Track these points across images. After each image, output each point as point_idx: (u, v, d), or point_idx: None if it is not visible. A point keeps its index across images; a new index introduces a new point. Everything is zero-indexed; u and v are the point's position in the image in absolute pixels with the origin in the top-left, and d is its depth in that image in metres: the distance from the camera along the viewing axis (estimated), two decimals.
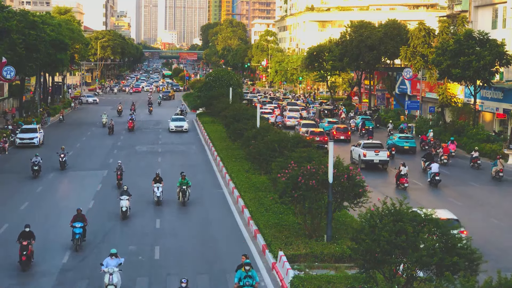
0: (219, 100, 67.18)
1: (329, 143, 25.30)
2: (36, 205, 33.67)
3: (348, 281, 20.40)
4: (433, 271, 17.43)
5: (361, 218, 18.84)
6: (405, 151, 51.77)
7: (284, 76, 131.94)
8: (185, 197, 33.39)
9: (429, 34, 66.74)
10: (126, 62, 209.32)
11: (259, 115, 45.29)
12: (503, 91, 57.86)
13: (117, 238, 27.59)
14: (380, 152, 44.99)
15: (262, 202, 30.88)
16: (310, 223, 25.78)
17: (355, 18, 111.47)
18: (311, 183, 24.49)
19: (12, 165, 46.21)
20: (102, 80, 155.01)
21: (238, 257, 24.64)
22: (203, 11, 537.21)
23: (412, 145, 52.67)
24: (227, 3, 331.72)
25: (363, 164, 44.51)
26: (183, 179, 33.49)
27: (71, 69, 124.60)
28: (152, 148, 54.27)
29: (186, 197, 33.40)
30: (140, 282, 22.22)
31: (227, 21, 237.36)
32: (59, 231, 28.73)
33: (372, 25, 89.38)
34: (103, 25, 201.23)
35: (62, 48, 74.73)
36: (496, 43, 55.60)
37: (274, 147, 35.22)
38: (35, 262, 24.10)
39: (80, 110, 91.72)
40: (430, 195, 38.02)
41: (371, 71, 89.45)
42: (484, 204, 35.98)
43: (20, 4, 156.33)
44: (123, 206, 30.55)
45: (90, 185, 39.00)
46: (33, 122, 60.75)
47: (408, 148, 51.81)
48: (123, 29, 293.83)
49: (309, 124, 61.38)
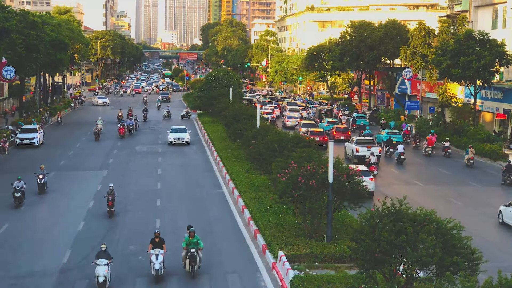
0: (219, 100, 67.17)
1: (329, 143, 25.32)
2: (36, 205, 33.65)
3: (348, 281, 20.40)
4: (433, 271, 17.44)
5: (361, 218, 18.85)
6: (393, 145, 53.55)
7: (284, 76, 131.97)
8: (195, 264, 22.51)
9: (429, 34, 66.75)
10: (126, 62, 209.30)
11: (259, 115, 45.31)
12: (503, 91, 57.86)
13: (117, 238, 27.57)
14: (372, 147, 46.91)
15: (262, 202, 30.89)
16: (310, 223, 25.79)
17: (355, 18, 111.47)
18: (311, 183, 24.50)
19: (12, 165, 46.22)
20: (102, 80, 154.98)
21: (238, 257, 24.71)
22: (203, 11, 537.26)
23: (399, 140, 55.35)
24: (227, 3, 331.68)
25: (356, 159, 46.60)
26: (192, 237, 22.80)
27: (71, 69, 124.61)
28: (152, 148, 54.27)
29: (196, 264, 22.54)
30: (140, 282, 22.20)
31: (227, 21, 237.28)
32: (60, 231, 28.75)
33: (372, 25, 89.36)
34: (103, 25, 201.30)
35: (62, 48, 74.71)
36: (496, 43, 55.61)
37: (274, 147, 35.23)
38: (35, 262, 24.11)
39: (80, 110, 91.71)
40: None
41: (371, 71, 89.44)
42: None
43: (20, 4, 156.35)
44: (99, 275, 21.18)
45: (90, 185, 39.00)
46: (33, 122, 60.75)
47: (396, 142, 53.84)
48: (123, 29, 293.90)
49: (309, 124, 61.46)
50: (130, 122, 62.97)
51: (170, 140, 55.27)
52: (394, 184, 40.98)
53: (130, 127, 62.26)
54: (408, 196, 19.86)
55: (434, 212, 18.30)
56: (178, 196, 36.18)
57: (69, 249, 25.68)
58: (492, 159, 50.25)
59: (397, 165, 48.06)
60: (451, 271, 16.89)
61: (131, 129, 62.24)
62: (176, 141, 55.09)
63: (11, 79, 58.65)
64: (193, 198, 35.65)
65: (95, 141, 57.62)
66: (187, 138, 55.63)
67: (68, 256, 24.86)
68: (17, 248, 25.99)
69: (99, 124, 61.35)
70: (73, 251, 25.41)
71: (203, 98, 79.19)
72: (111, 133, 62.18)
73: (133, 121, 63.87)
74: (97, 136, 58.47)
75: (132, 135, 61.70)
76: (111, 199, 30.76)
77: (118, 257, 24.82)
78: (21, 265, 23.91)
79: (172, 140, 55.15)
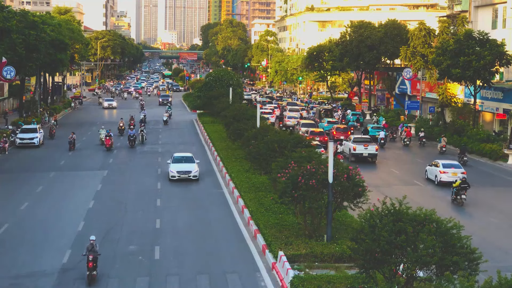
0: (219, 100, 67.17)
1: (329, 143, 25.32)
2: (36, 205, 33.66)
3: (348, 281, 20.41)
4: (433, 271, 17.44)
5: (361, 218, 18.85)
6: (377, 139, 57.71)
7: (284, 76, 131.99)
8: None
9: (429, 34, 66.77)
10: (126, 62, 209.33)
11: (259, 115, 45.32)
12: (503, 91, 57.86)
13: (117, 238, 27.57)
14: (369, 146, 48.54)
15: (262, 202, 30.90)
16: (310, 223, 25.80)
17: (355, 18, 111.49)
18: (311, 183, 24.50)
19: (12, 165, 46.25)
20: (102, 80, 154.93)
21: (238, 257, 24.70)
22: (203, 11, 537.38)
23: (379, 131, 60.62)
24: (227, 3, 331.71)
25: (353, 158, 48.01)
26: None
27: (71, 69, 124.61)
28: (152, 148, 54.27)
29: None
30: (140, 282, 22.21)
31: (227, 21, 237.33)
32: (60, 231, 28.74)
33: (372, 25, 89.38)
34: (103, 25, 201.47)
35: (62, 48, 74.76)
36: (496, 43, 55.63)
37: (274, 147, 35.22)
38: (35, 262, 24.12)
39: (80, 110, 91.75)
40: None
41: (371, 71, 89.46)
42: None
43: (20, 4, 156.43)
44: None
45: (90, 185, 39.01)
46: (33, 122, 60.77)
47: (370, 130, 60.66)
48: (123, 29, 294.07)
49: (308, 124, 61.56)
50: (131, 133, 55.00)
51: (172, 175, 40.12)
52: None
53: (132, 138, 54.50)
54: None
55: (434, 212, 18.31)
56: (178, 196, 36.18)
57: (69, 249, 25.67)
58: (492, 159, 50.26)
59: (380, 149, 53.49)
60: (451, 271, 16.89)
61: (132, 141, 54.48)
62: (181, 176, 39.97)
63: (11, 79, 58.69)
64: (193, 198, 35.66)
65: (69, 151, 51.87)
66: (195, 171, 40.29)
67: (68, 256, 24.85)
68: (17, 248, 25.99)
69: (102, 134, 54.60)
70: (73, 251, 25.38)
71: (203, 98, 79.20)
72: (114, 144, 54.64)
73: (134, 131, 55.36)
74: (71, 145, 52.27)
75: (133, 148, 53.99)
76: (91, 259, 21.59)
77: (118, 257, 24.86)
78: (21, 265, 23.90)
79: (175, 175, 40.00)
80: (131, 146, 54.12)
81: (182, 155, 42.43)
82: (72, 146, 52.38)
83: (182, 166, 40.50)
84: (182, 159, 41.51)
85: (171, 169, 40.30)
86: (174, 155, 42.29)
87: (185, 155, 42.68)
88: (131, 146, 54.15)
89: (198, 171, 40.46)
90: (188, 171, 40.10)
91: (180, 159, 41.43)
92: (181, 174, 39.93)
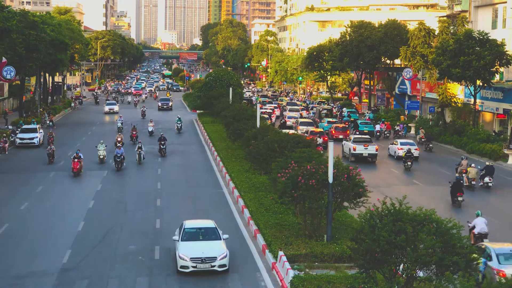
0: (219, 100, 67.15)
1: (329, 143, 25.31)
2: (36, 205, 33.67)
3: (348, 281, 20.41)
4: (433, 271, 17.44)
5: (361, 218, 18.85)
6: (365, 133, 59.91)
7: (284, 76, 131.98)
8: None
9: (429, 34, 66.78)
10: (126, 62, 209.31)
11: (259, 115, 45.33)
12: (503, 91, 57.86)
13: (117, 238, 27.57)
14: (369, 146, 48.71)
15: (262, 202, 30.89)
16: (310, 223, 25.79)
17: (355, 18, 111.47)
18: (311, 183, 24.50)
19: (12, 165, 46.24)
20: (102, 80, 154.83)
21: (238, 257, 24.67)
22: (203, 11, 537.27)
23: (370, 129, 63.77)
24: (227, 3, 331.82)
25: (353, 158, 48.14)
26: None
27: (71, 69, 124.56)
28: (152, 148, 54.23)
29: None
30: (140, 282, 22.21)
31: (227, 21, 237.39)
32: (60, 231, 28.75)
33: (372, 25, 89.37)
34: (103, 25, 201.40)
35: (62, 48, 74.76)
36: (496, 43, 55.61)
37: (274, 147, 35.22)
38: (35, 262, 24.13)
39: (80, 110, 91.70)
40: None
41: (371, 71, 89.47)
42: None
43: (20, 4, 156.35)
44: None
45: (90, 185, 39.01)
46: (33, 122, 60.76)
47: (367, 131, 62.00)
48: (123, 29, 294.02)
49: (306, 123, 61.79)
50: (118, 152, 43.93)
51: (182, 264, 22.87)
52: None
53: (118, 159, 43.60)
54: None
55: (434, 211, 18.31)
56: (178, 196, 36.19)
57: (69, 249, 25.67)
58: (492, 159, 50.24)
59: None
60: (451, 271, 16.89)
61: (118, 162, 43.57)
62: (198, 267, 22.77)
63: (11, 79, 58.70)
64: (193, 198, 35.65)
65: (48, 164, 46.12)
66: (222, 256, 23.10)
67: (68, 256, 24.86)
68: (17, 248, 26.00)
69: (101, 150, 46.39)
70: (73, 251, 25.40)
71: (203, 98, 79.17)
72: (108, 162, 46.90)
73: (121, 150, 44.26)
74: (51, 158, 46.27)
75: (120, 171, 43.45)
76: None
77: (118, 257, 24.86)
78: (21, 265, 23.90)
79: (188, 265, 22.80)
80: (118, 169, 43.33)
81: (199, 226, 25.05)
82: (52, 158, 46.12)
83: (199, 247, 23.42)
84: (199, 233, 24.60)
85: (181, 253, 23.04)
86: (185, 226, 24.75)
87: (203, 225, 25.14)
88: (117, 169, 43.34)
89: (227, 255, 23.25)
90: (212, 257, 22.97)
91: (196, 234, 24.48)
92: (199, 262, 22.84)
